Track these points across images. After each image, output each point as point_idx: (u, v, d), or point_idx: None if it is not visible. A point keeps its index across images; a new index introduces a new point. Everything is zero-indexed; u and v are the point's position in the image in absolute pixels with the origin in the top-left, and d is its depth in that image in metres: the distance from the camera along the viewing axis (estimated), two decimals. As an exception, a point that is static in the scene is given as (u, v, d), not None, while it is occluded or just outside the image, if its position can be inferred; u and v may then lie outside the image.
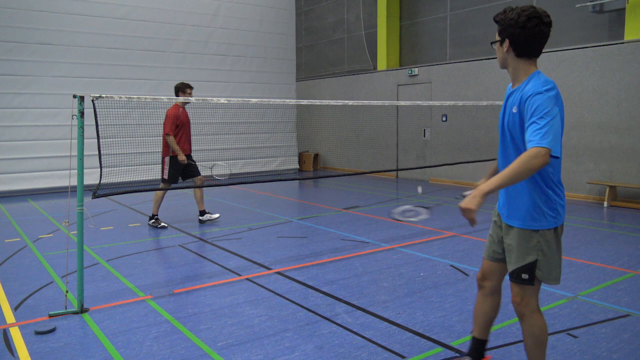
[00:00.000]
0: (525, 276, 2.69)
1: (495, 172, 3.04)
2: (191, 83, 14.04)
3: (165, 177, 7.61)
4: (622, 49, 9.40)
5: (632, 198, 9.38)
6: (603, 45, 9.67)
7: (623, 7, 9.46)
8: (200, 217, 8.04)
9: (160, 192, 7.78)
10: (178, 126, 7.52)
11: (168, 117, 7.50)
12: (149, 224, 7.84)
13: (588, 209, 9.10)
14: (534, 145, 2.34)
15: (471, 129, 12.06)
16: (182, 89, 7.57)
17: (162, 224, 7.75)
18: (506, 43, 2.66)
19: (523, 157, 2.34)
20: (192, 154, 7.89)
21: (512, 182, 2.37)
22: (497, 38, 2.73)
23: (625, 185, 9.18)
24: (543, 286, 4.85)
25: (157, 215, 7.79)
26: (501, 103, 9.44)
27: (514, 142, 2.67)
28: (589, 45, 9.89)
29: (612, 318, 4.06)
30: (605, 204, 9.34)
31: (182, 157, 7.46)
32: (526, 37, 2.59)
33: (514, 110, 2.61)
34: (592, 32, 10.23)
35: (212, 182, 8.39)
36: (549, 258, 2.67)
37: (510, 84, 2.81)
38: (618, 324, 3.96)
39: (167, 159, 7.60)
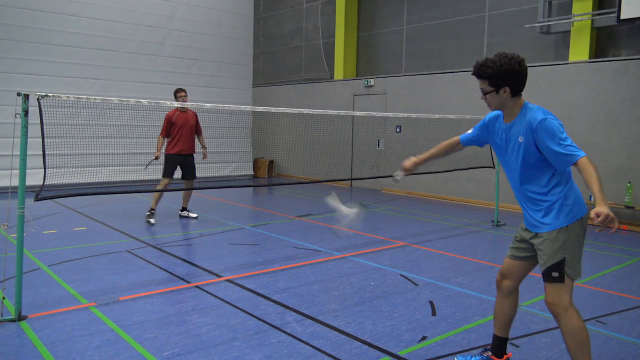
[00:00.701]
0: (555, 274, 2.91)
1: (443, 151, 3.64)
2: (144, 84, 13.75)
3: (162, 174, 8.32)
4: (566, 69, 9.85)
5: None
6: (549, 65, 10.11)
7: (568, 30, 9.93)
8: (180, 213, 8.85)
9: (158, 188, 8.27)
10: (172, 128, 8.25)
11: (165, 119, 8.32)
12: (146, 214, 8.34)
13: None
14: (580, 157, 2.73)
15: (424, 141, 12.31)
16: (174, 93, 8.31)
17: (151, 220, 8.16)
18: (506, 90, 2.95)
19: (587, 167, 2.68)
20: (192, 156, 8.56)
21: (601, 183, 2.66)
22: (490, 89, 2.98)
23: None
24: (482, 295, 4.99)
25: (154, 209, 8.27)
26: (454, 117, 9.70)
27: (520, 166, 2.99)
28: (536, 64, 10.31)
29: (552, 328, 4.22)
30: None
31: (156, 154, 8.14)
32: (522, 78, 2.95)
33: (520, 139, 2.95)
34: (539, 52, 10.68)
35: (166, 187, 8.23)
36: (575, 253, 2.93)
37: (496, 115, 3.17)
38: (557, 334, 4.10)
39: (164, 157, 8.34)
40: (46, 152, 4.59)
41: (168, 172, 8.30)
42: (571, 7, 9.88)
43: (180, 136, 8.29)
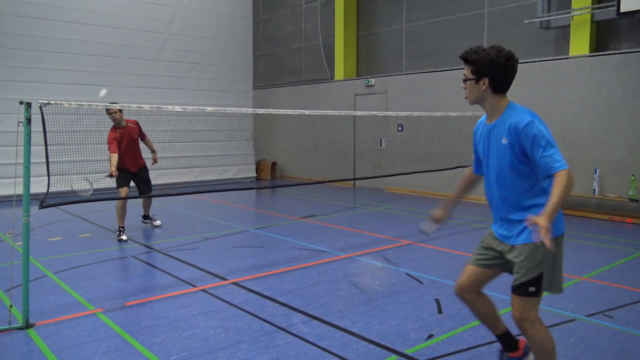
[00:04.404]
0: (532, 289, 2.76)
1: (464, 188, 3.41)
2: (145, 89, 13.77)
3: (117, 186, 7.57)
4: (567, 64, 9.83)
5: (576, 206, 9.79)
6: (549, 60, 10.09)
7: (568, 24, 9.91)
8: (143, 221, 8.55)
9: (118, 204, 7.58)
10: (120, 145, 7.43)
11: (108, 141, 7.42)
12: (116, 235, 7.61)
13: (536, 217, 9.42)
14: (561, 168, 2.53)
15: (426, 139, 12.31)
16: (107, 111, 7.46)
17: (122, 237, 7.40)
18: (485, 81, 2.80)
19: (561, 181, 2.50)
20: (142, 169, 7.84)
21: (562, 203, 2.51)
22: (471, 76, 2.83)
23: (571, 194, 9.54)
24: (488, 292, 4.98)
25: (121, 227, 7.53)
26: (454, 114, 9.70)
27: (502, 170, 2.82)
28: (536, 59, 10.30)
29: (558, 323, 4.22)
30: (553, 212, 9.69)
31: (112, 170, 7.15)
32: (506, 75, 2.79)
33: (504, 141, 2.76)
34: (539, 47, 10.66)
35: (167, 192, 8.23)
36: (555, 268, 2.79)
37: (483, 120, 2.99)
38: (564, 329, 4.11)
39: None
40: (50, 160, 4.61)
41: (122, 183, 7.59)
42: (570, 2, 9.86)
43: (127, 153, 7.55)
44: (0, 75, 11.31)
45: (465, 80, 2.87)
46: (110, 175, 7.16)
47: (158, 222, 8.50)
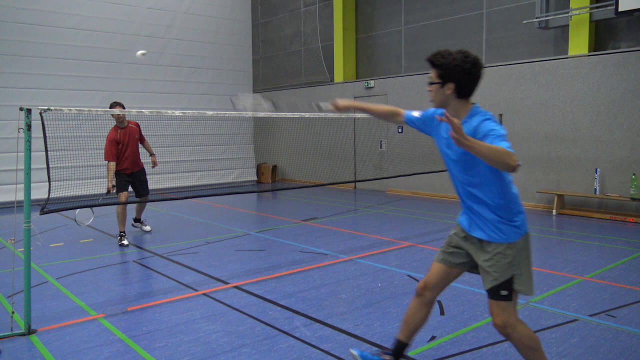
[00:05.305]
0: (504, 292, 2.78)
1: (383, 113, 3.34)
2: (145, 94, 13.79)
3: (115, 190, 7.51)
4: (566, 63, 9.83)
5: (578, 206, 9.78)
6: (549, 60, 10.09)
7: (567, 24, 9.92)
8: (133, 223, 8.45)
9: (119, 209, 7.53)
10: (119, 147, 7.44)
11: (106, 142, 7.37)
12: (117, 240, 7.59)
13: (538, 217, 9.42)
14: (507, 148, 2.40)
15: (426, 140, 12.30)
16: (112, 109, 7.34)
17: (124, 241, 7.39)
18: (450, 86, 2.75)
19: (503, 150, 2.38)
20: (141, 171, 7.85)
21: (484, 157, 2.41)
22: (437, 80, 2.79)
23: (572, 193, 9.56)
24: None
25: (122, 232, 7.50)
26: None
27: (465, 170, 2.81)
28: (535, 59, 10.30)
29: (562, 323, 4.21)
30: (554, 212, 9.69)
31: (109, 186, 7.19)
32: (471, 81, 2.74)
33: None
34: (538, 47, 10.67)
35: (168, 196, 8.24)
36: (525, 270, 2.81)
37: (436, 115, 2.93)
38: (567, 329, 4.10)
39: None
40: (50, 166, 4.62)
41: (121, 187, 7.58)
42: (569, 1, 9.87)
43: (127, 154, 7.55)
44: (0, 82, 11.33)
45: (430, 84, 2.85)
46: (108, 192, 7.15)
47: (147, 228, 8.41)
